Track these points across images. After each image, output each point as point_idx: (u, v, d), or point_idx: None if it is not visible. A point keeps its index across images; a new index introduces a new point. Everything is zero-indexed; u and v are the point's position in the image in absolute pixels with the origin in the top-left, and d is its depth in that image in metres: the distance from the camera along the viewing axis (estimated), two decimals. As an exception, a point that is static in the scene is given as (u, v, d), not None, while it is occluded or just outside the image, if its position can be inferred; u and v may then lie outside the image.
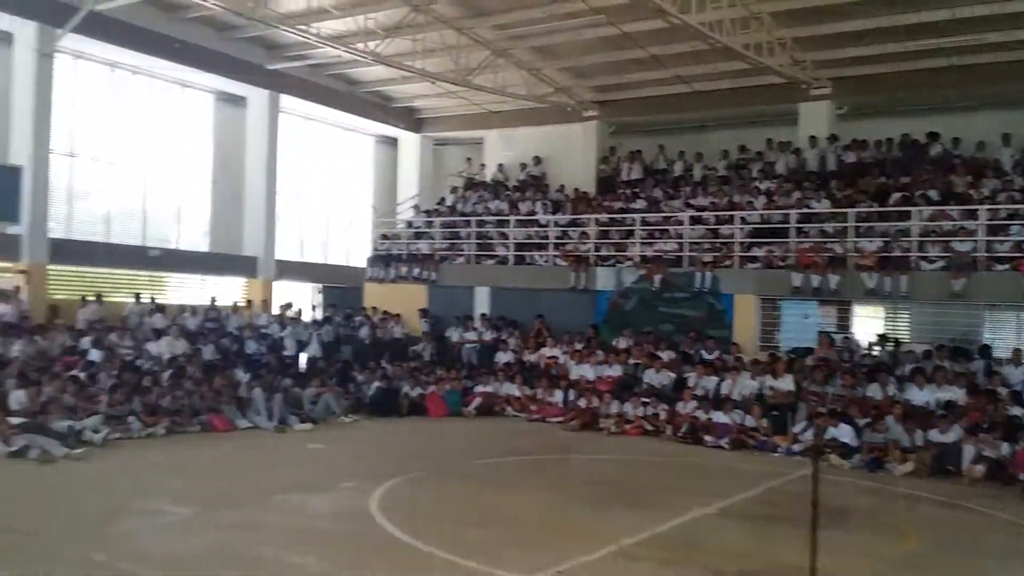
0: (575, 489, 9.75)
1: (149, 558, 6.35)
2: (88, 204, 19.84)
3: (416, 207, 24.51)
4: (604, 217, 19.95)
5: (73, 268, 19.00)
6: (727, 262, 17.21)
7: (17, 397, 11.38)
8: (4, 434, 10.11)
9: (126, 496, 8.48)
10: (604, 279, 18.51)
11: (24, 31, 17.06)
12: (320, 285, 24.63)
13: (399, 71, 20.26)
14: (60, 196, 18.76)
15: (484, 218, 21.82)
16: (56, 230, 18.37)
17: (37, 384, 11.66)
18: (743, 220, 17.72)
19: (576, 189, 22.23)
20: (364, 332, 19.24)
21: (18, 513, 7.53)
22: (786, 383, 13.82)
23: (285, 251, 23.26)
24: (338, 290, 23.86)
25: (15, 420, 10.57)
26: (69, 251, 18.46)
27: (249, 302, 20.54)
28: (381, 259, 22.08)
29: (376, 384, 15.63)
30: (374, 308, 20.56)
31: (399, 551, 6.84)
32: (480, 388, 16.31)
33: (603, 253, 19.16)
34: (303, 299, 22.88)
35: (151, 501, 8.26)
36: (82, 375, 13.05)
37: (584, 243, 19.39)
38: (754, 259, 17.04)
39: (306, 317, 20.80)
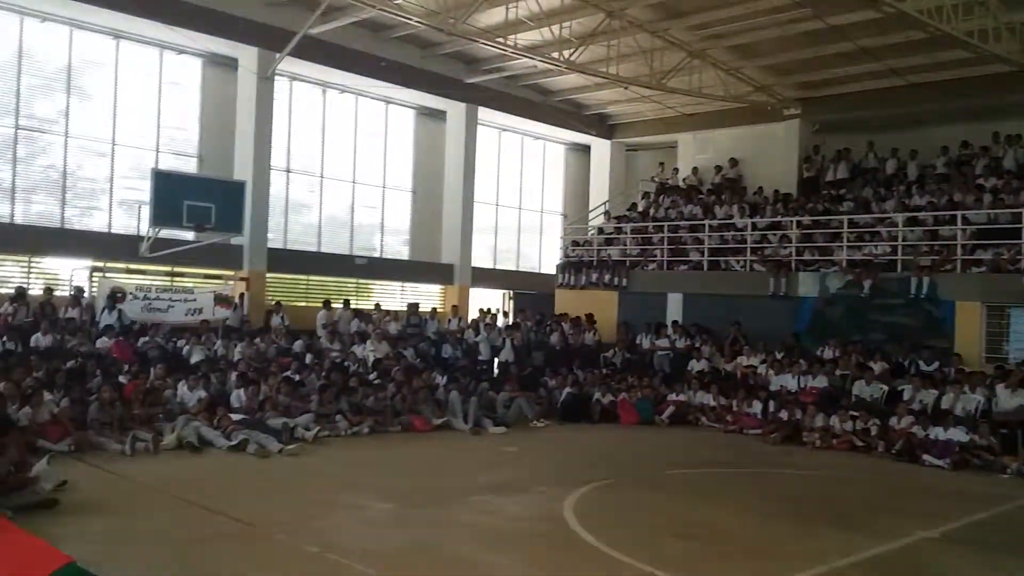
0: (778, 504, 9.21)
1: (355, 551, 6.57)
2: (302, 216, 21.26)
3: (607, 213, 24.39)
4: (807, 220, 18.95)
5: (288, 276, 20.44)
6: (947, 266, 15.82)
7: (238, 396, 12.26)
8: (226, 429, 10.90)
9: (334, 491, 8.87)
10: (806, 285, 17.55)
11: (246, 56, 18.56)
12: (511, 291, 25.05)
13: (592, 78, 20.25)
14: (278, 209, 20.23)
15: (677, 223, 21.34)
16: (274, 240, 19.81)
17: (256, 383, 12.50)
18: (966, 220, 16.23)
19: (776, 191, 21.27)
20: (555, 338, 19.29)
21: (238, 502, 8.03)
22: (1019, 397, 12.47)
23: (479, 259, 23.86)
24: (529, 296, 24.17)
25: (236, 416, 11.38)
26: (285, 260, 19.87)
27: (455, 308, 21.13)
28: (572, 265, 22.11)
29: (567, 390, 15.60)
30: (564, 314, 20.61)
31: (595, 558, 6.70)
32: (673, 396, 15.89)
33: (805, 258, 18.18)
34: (495, 305, 23.34)
35: (357, 496, 8.59)
36: (295, 376, 13.93)
37: (785, 247, 18.49)
38: (979, 263, 15.55)
39: (499, 323, 21.17)
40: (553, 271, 23.15)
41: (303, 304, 20.84)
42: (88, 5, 16.23)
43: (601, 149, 26.41)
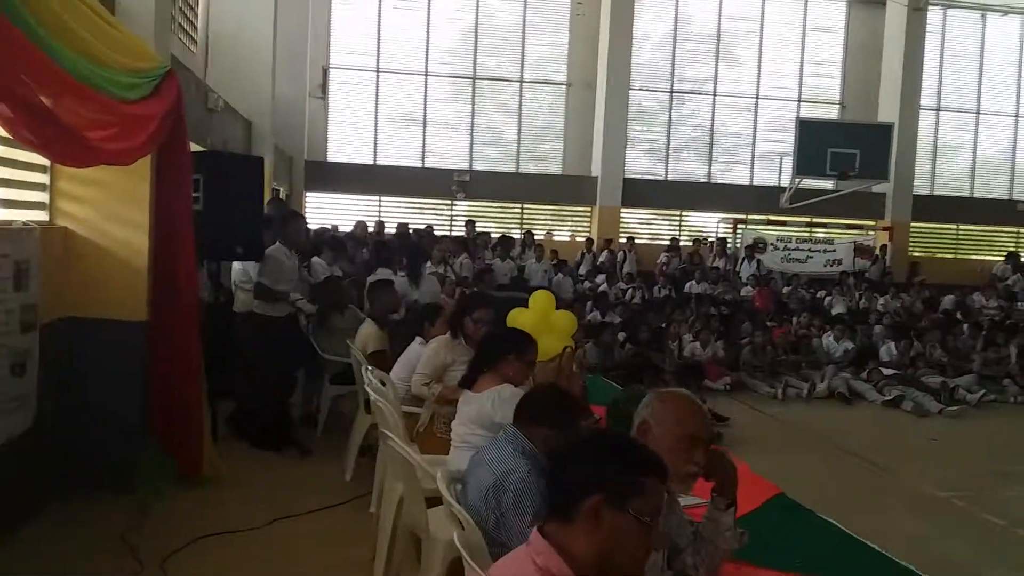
0: None
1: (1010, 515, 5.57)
2: (951, 159, 19.20)
3: None
4: None
5: (934, 225, 18.71)
6: None
7: (888, 349, 11.51)
8: (877, 383, 10.29)
9: (1009, 461, 7.67)
10: None
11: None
12: None
13: None
14: (924, 153, 18.58)
15: None
16: (919, 187, 18.27)
17: (908, 338, 11.60)
18: None
19: None
20: None
21: (893, 458, 7.48)
22: None
23: None
24: None
25: (887, 371, 10.69)
26: (931, 207, 18.20)
27: None
28: None
29: None
30: None
31: None
32: None
33: None
34: None
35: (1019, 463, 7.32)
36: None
37: None
38: None
39: None
40: None
41: (951, 256, 18.94)
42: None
43: None
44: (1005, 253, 17.62)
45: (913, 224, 18.13)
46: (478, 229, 15.15)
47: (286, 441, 6.32)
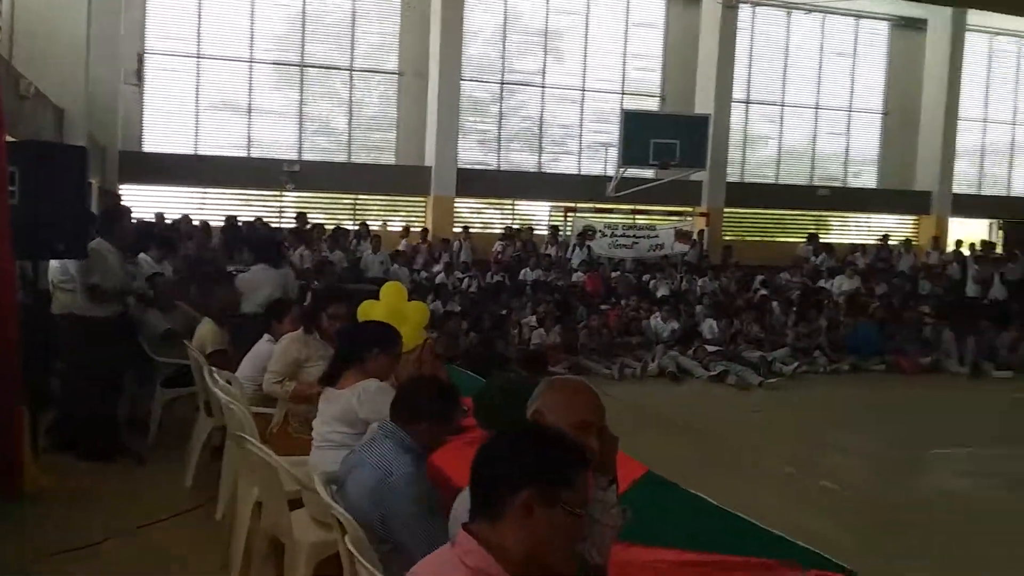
0: None
1: (872, 493, 6.09)
2: (759, 148, 20.58)
3: None
4: None
5: (745, 210, 20.01)
6: None
7: (710, 326, 12.23)
8: (703, 360, 10.94)
9: (827, 429, 8.39)
10: None
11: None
12: (1000, 220, 21.73)
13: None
14: (735, 143, 19.82)
15: None
16: (731, 175, 19.47)
17: (728, 316, 12.37)
18: None
19: None
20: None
21: (727, 430, 7.98)
22: None
23: (960, 184, 21.04)
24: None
25: (711, 348, 11.36)
26: (742, 194, 19.44)
27: (936, 240, 19.05)
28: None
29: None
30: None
31: None
32: None
33: None
34: (979, 236, 20.44)
35: (854, 437, 8.00)
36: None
37: None
38: None
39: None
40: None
41: (759, 240, 20.32)
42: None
43: None
44: (807, 235, 19.08)
45: (726, 209, 19.30)
46: (311, 221, 14.77)
47: (117, 450, 5.95)
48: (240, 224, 12.79)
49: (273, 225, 14.76)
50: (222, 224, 13.01)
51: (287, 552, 3.50)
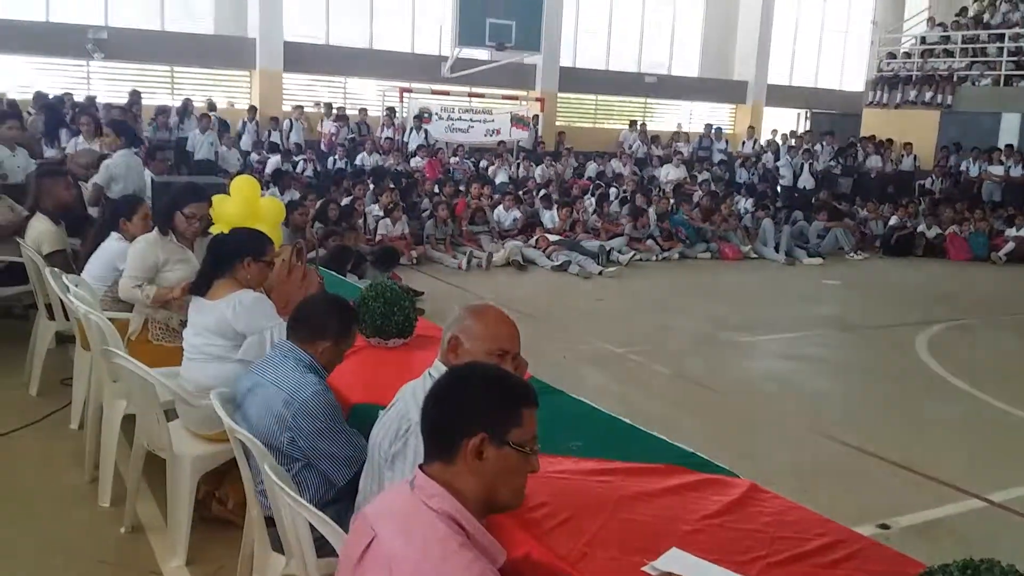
0: None
1: (706, 377, 6.56)
2: (591, 35, 20.67)
3: (930, 20, 21.43)
4: None
5: (577, 96, 20.22)
6: None
7: (551, 217, 12.43)
8: (545, 249, 11.15)
9: (667, 315, 8.86)
10: None
11: None
12: (809, 111, 23.22)
13: None
14: (570, 27, 19.78)
15: (1020, 31, 18.32)
16: (564, 60, 19.51)
17: (568, 205, 12.59)
18: None
19: None
20: (872, 163, 17.72)
21: (574, 323, 8.30)
22: None
23: (775, 75, 22.18)
24: (828, 116, 22.30)
25: (552, 237, 11.58)
26: (575, 80, 19.57)
27: (751, 129, 20.05)
28: (885, 81, 19.87)
29: (889, 223, 14.35)
30: (872, 136, 18.75)
31: (950, 393, 6.44)
32: (1014, 232, 14.13)
33: None
34: (790, 126, 21.81)
35: (691, 321, 8.51)
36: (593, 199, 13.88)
37: None
38: None
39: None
40: (859, 88, 21.03)
41: (589, 125, 20.68)
42: None
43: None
44: (630, 121, 19.58)
45: (560, 95, 19.43)
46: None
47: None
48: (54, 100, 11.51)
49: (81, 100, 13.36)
50: (31, 99, 11.63)
51: (168, 466, 3.38)
